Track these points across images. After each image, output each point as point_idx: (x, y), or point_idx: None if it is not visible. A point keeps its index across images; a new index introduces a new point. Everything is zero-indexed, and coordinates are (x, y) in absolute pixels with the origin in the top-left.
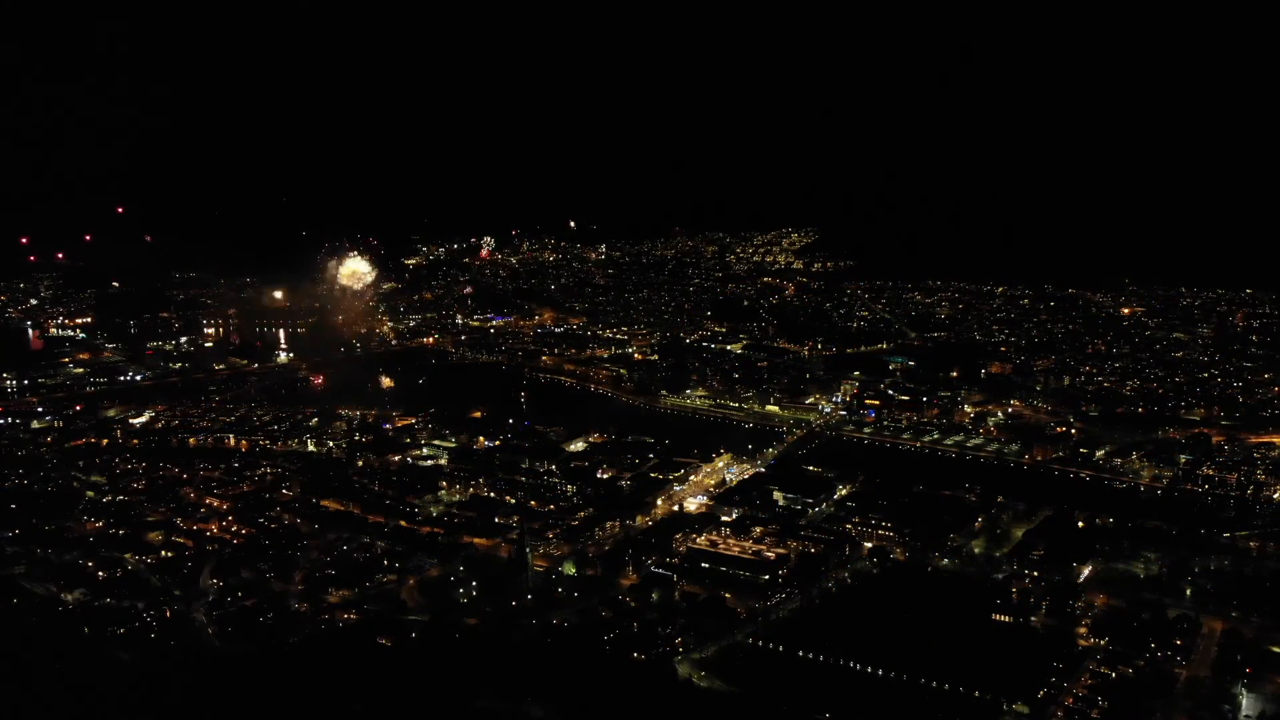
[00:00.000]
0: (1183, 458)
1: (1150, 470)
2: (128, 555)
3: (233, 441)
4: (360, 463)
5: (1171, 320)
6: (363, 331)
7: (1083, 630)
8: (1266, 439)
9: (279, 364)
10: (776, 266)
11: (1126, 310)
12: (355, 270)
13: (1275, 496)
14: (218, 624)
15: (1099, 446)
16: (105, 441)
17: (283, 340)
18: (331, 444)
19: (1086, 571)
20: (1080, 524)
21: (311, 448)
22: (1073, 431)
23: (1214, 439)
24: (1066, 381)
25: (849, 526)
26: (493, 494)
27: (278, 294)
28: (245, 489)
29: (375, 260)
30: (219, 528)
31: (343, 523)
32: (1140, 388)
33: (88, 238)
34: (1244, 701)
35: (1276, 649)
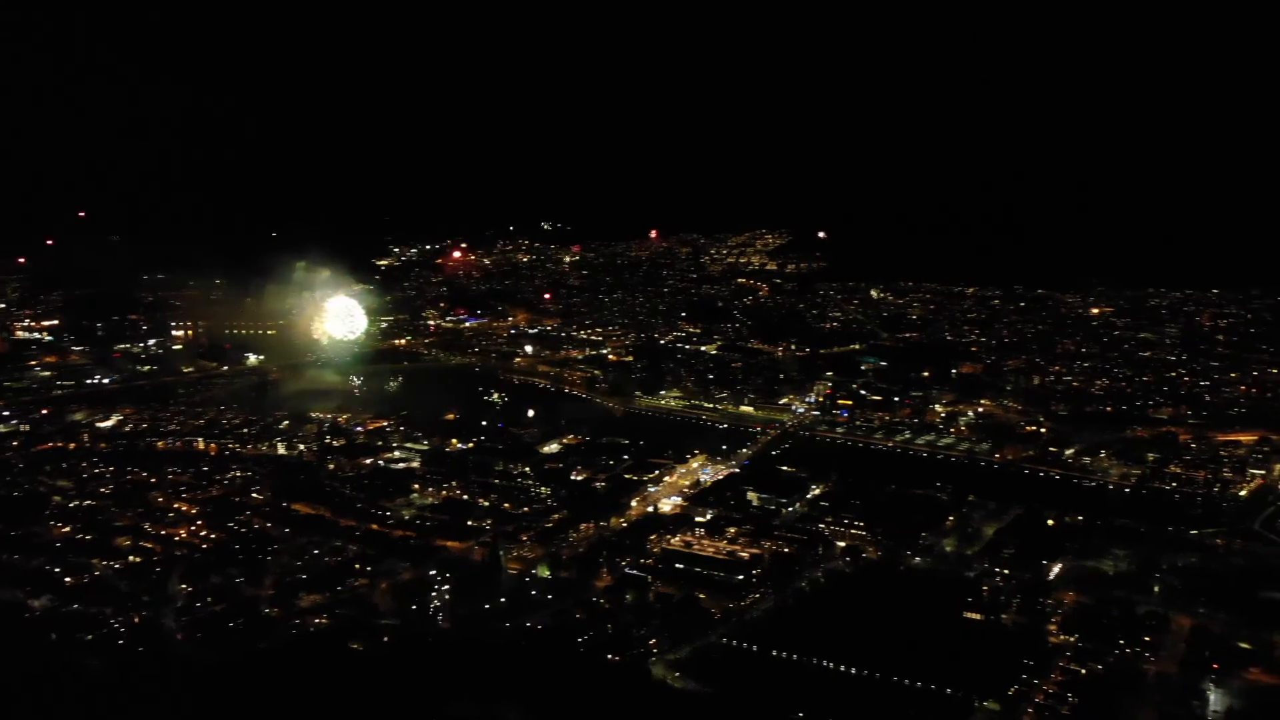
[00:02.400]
0: (1151, 456)
1: (1119, 468)
2: (95, 561)
3: (202, 445)
4: (331, 466)
5: (1139, 320)
6: (334, 333)
7: (1053, 627)
8: (1233, 437)
9: (248, 366)
10: (750, 267)
11: (1095, 311)
12: (325, 271)
13: (1242, 494)
14: (187, 630)
15: (1068, 445)
16: (72, 445)
17: (252, 343)
18: (302, 447)
19: (1056, 569)
20: (1050, 522)
21: (282, 451)
22: (1042, 430)
23: (1181, 437)
24: (1036, 381)
25: (822, 526)
26: (466, 497)
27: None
28: (214, 493)
29: (346, 261)
30: (188, 532)
31: (314, 527)
32: (1109, 387)
33: (49, 241)
34: (1212, 697)
35: (1244, 645)
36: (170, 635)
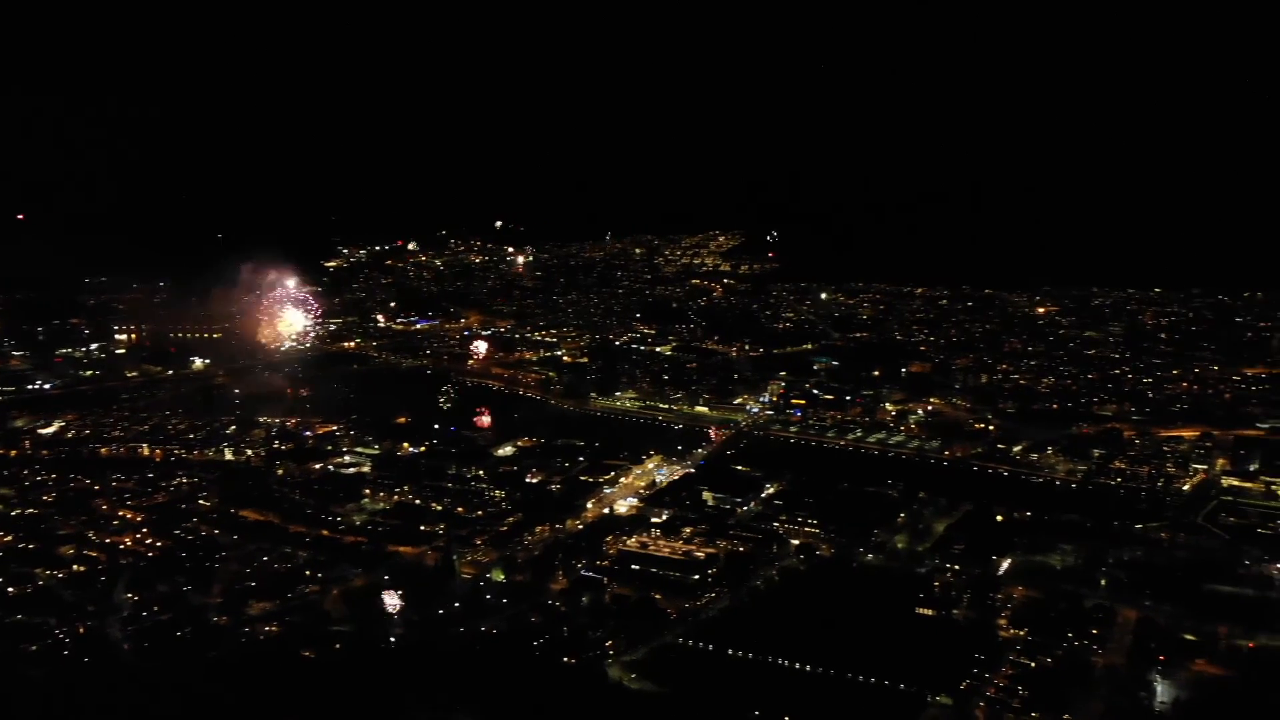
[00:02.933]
0: (1096, 452)
1: (1065, 465)
2: (38, 570)
3: (146, 451)
4: (280, 471)
5: (1084, 319)
6: (282, 336)
7: (1003, 622)
8: (1175, 433)
9: (194, 370)
10: (704, 268)
11: (1041, 310)
12: (272, 273)
13: (1185, 488)
14: (133, 639)
15: (1016, 442)
16: (13, 452)
17: (198, 346)
18: (250, 452)
19: (1006, 564)
20: (999, 518)
21: (229, 456)
22: (991, 428)
23: (1126, 433)
24: (984, 379)
25: (777, 525)
26: (418, 501)
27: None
28: (160, 500)
29: (294, 263)
30: (133, 540)
31: (262, 533)
32: (1055, 385)
33: None
34: (1159, 688)
35: (1189, 636)
36: (116, 645)
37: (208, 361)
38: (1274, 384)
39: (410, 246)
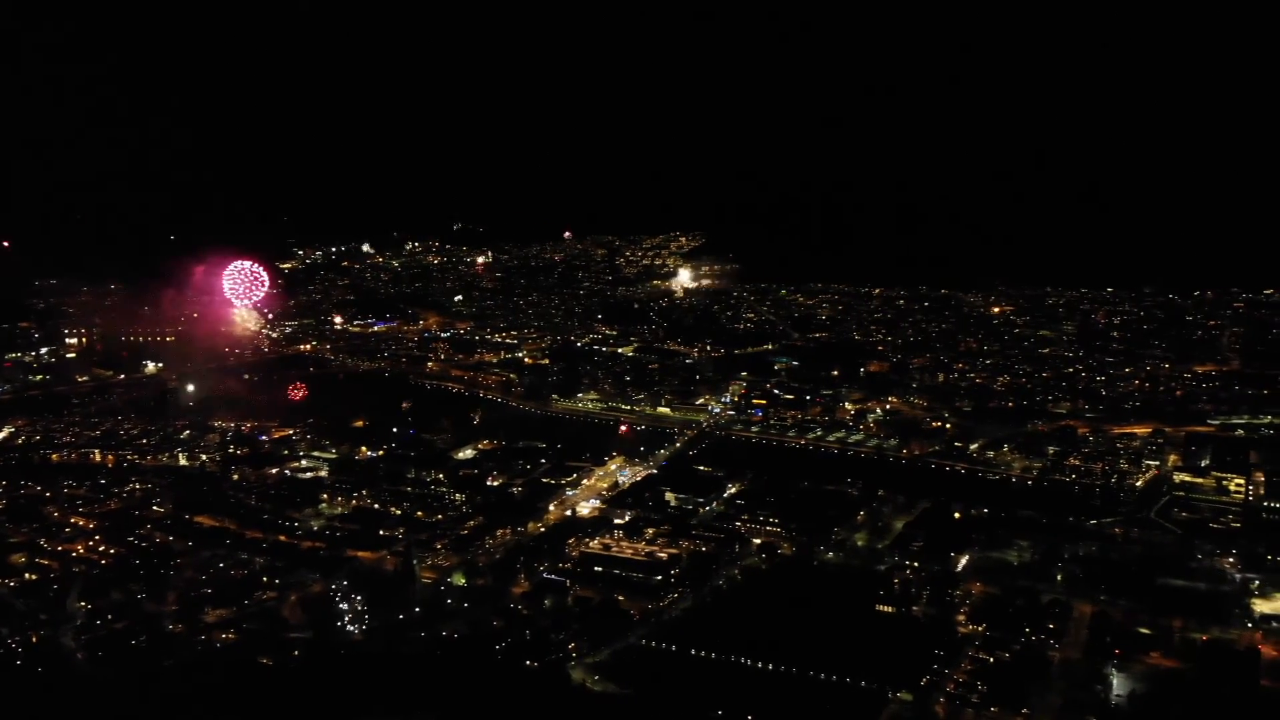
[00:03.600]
0: (1051, 449)
1: (1021, 462)
2: None
3: (99, 457)
4: (235, 476)
5: (1038, 318)
6: (236, 339)
7: (962, 617)
8: (1128, 429)
9: (147, 374)
10: (665, 270)
11: (996, 310)
12: (227, 275)
13: (1138, 484)
14: (87, 648)
15: (972, 440)
16: None
17: (150, 349)
18: (204, 457)
19: (964, 561)
20: (957, 515)
21: (183, 462)
22: (947, 426)
23: (1079, 431)
24: (941, 378)
25: (739, 524)
26: (377, 505)
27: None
28: (113, 506)
29: (248, 264)
30: (86, 548)
31: (218, 539)
32: (1010, 383)
33: None
34: (1114, 681)
35: (1143, 630)
36: (70, 655)
37: (161, 365)
38: (1224, 381)
39: (367, 248)
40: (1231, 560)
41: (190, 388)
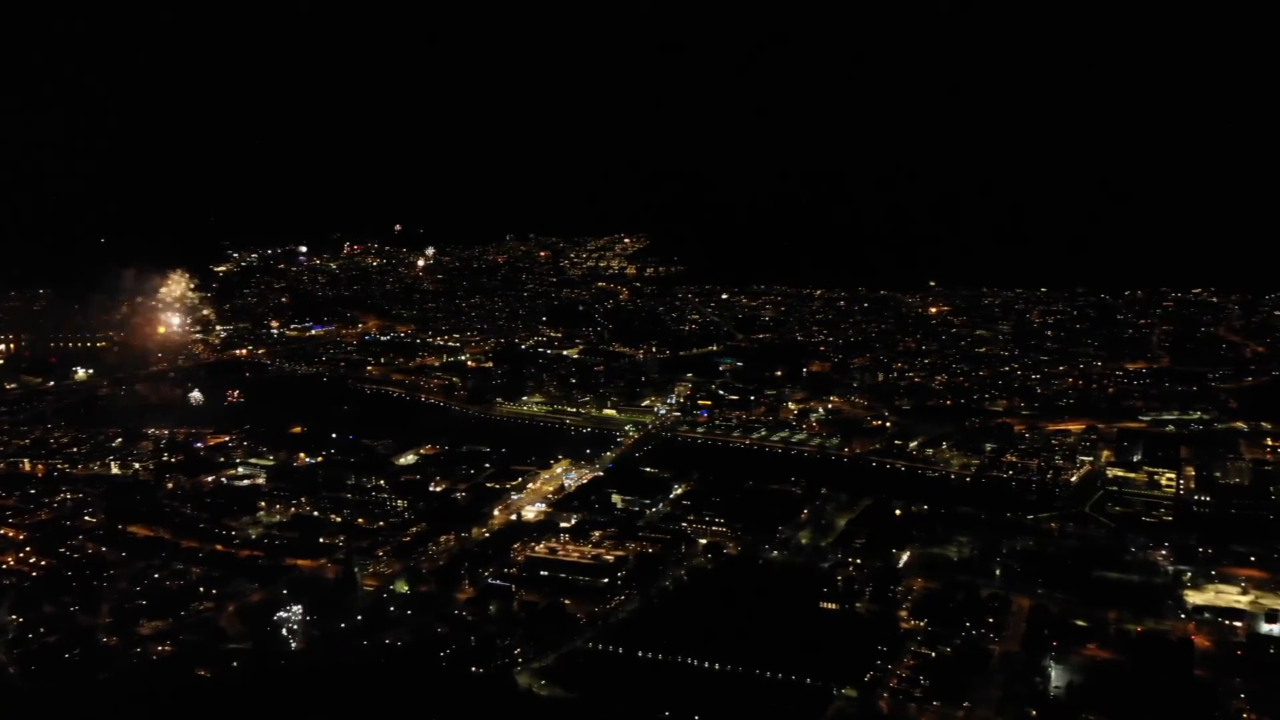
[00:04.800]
0: (988, 446)
1: (959, 459)
2: None
3: (28, 466)
4: (170, 485)
5: (975, 319)
6: (169, 344)
7: (904, 613)
8: (1062, 426)
9: (77, 381)
10: (610, 271)
11: (934, 310)
12: (159, 279)
13: (1072, 480)
14: (19, 662)
15: (912, 438)
16: None
17: (80, 355)
18: (138, 465)
19: (905, 557)
20: (898, 512)
21: (116, 470)
22: (888, 425)
23: (1016, 428)
24: (881, 378)
25: (685, 525)
26: (316, 513)
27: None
28: (43, 517)
29: (181, 268)
30: (16, 559)
31: (153, 549)
32: (948, 382)
33: None
34: (1053, 673)
35: (1080, 622)
36: (2, 669)
37: (91, 371)
38: (1154, 378)
39: (303, 250)
40: (1164, 553)
41: (122, 395)
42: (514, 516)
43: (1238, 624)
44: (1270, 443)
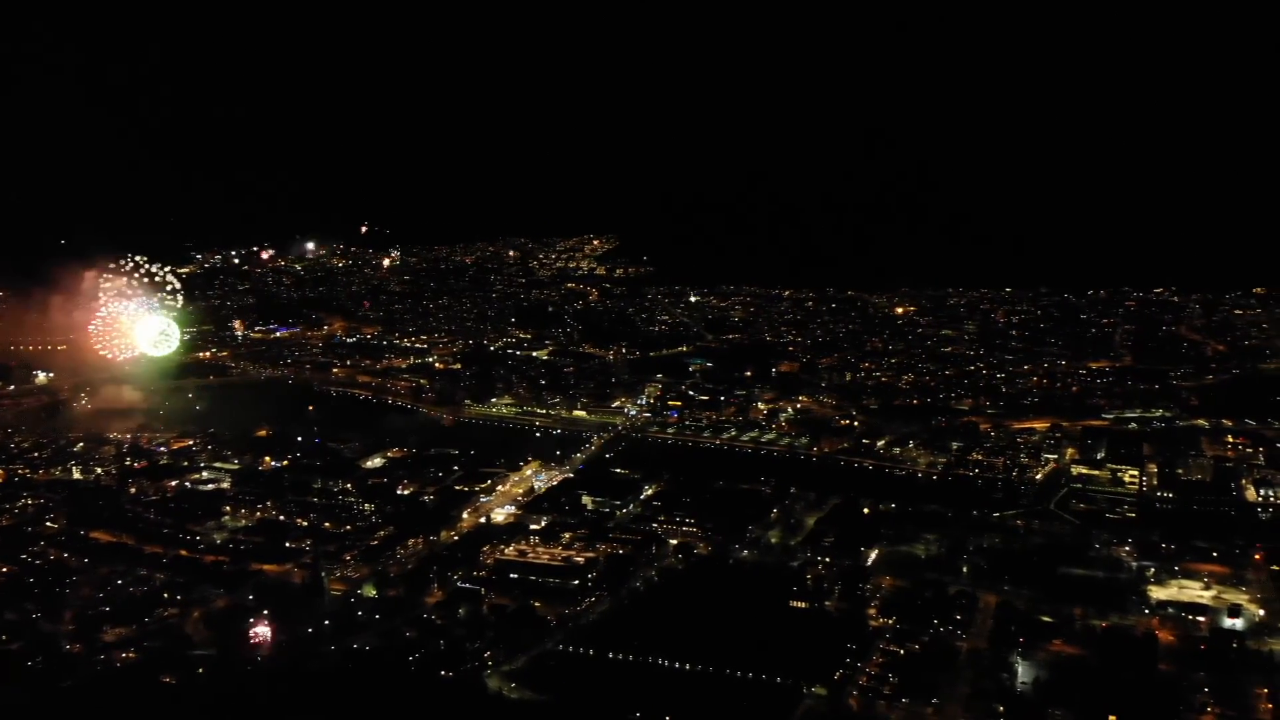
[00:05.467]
0: (954, 445)
1: (926, 457)
2: None
3: None
4: (133, 490)
5: (940, 319)
6: (131, 348)
7: (873, 611)
8: (1027, 425)
9: (37, 385)
10: (580, 272)
11: (900, 310)
12: (121, 281)
13: (1037, 477)
14: None
15: (880, 437)
16: None
17: (41, 359)
18: (100, 470)
19: (874, 555)
20: (866, 510)
21: (77, 475)
22: (856, 424)
23: (981, 426)
24: (849, 378)
25: (655, 525)
26: (282, 517)
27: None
28: (5, 523)
29: (143, 270)
30: None
31: (116, 555)
32: (915, 381)
33: None
34: (1019, 669)
35: (1046, 618)
36: None
37: (52, 375)
38: (1117, 377)
39: (269, 251)
40: (1128, 549)
41: (83, 399)
42: (483, 519)
43: (1201, 619)
44: (1231, 440)
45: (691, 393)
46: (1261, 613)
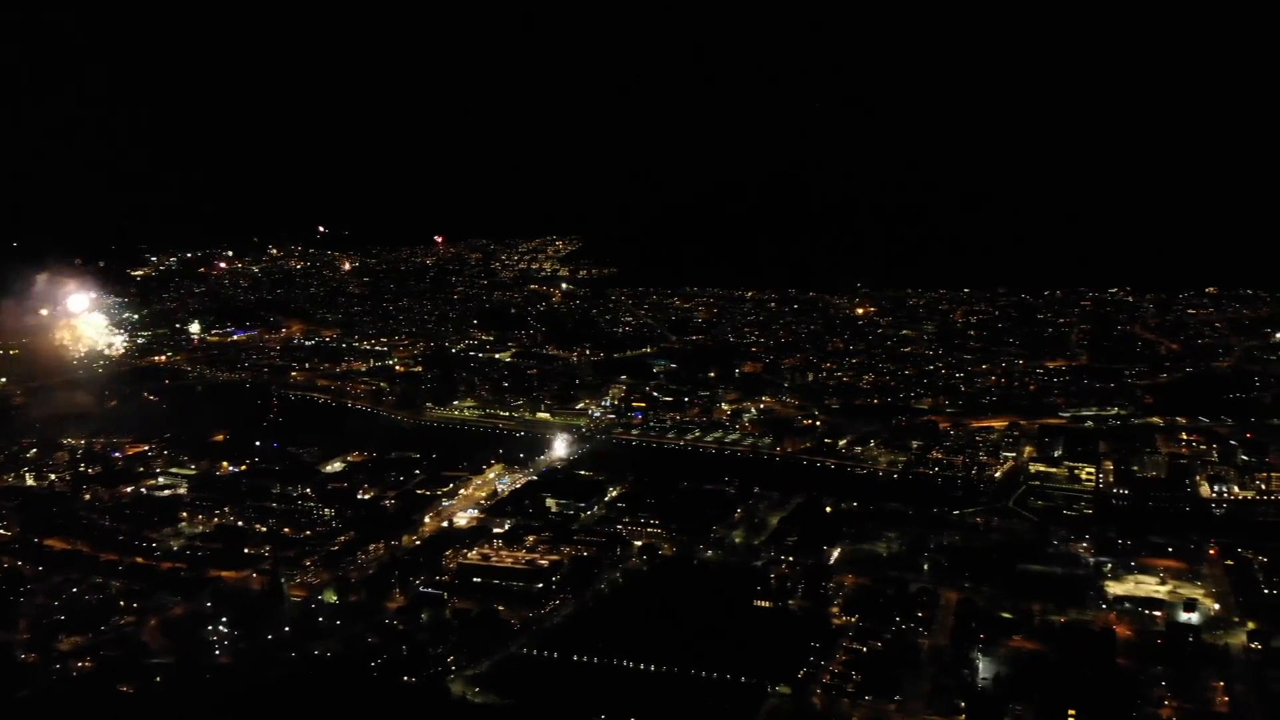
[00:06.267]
0: (915, 443)
1: (887, 456)
2: None
3: None
4: (88, 496)
5: (900, 319)
6: (85, 352)
7: (836, 609)
8: (986, 423)
9: None
10: (543, 274)
11: (861, 311)
12: (74, 283)
13: (996, 475)
14: None
15: (841, 436)
16: None
17: None
18: (53, 476)
19: (836, 553)
20: (828, 509)
21: (30, 482)
22: (818, 423)
23: (941, 425)
24: (811, 378)
25: (620, 527)
26: (241, 523)
27: None
28: None
29: (98, 271)
30: None
31: (70, 563)
32: (875, 381)
33: None
34: (980, 665)
35: (1006, 615)
36: None
37: (3, 380)
38: (1073, 376)
39: (226, 253)
40: (1085, 545)
41: (36, 404)
42: (445, 523)
43: (1157, 613)
44: (1185, 437)
45: (656, 394)
46: (1216, 607)
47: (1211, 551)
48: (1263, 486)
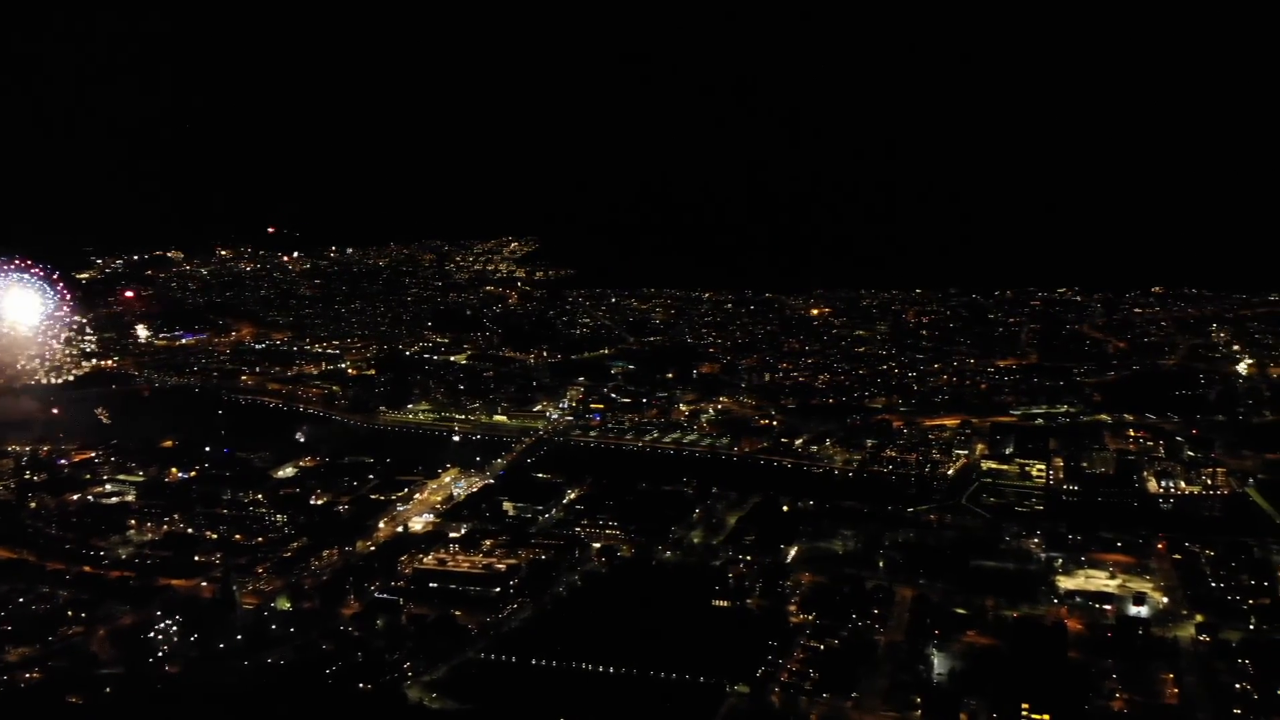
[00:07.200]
0: (869, 442)
1: (842, 455)
2: None
3: None
4: (33, 504)
5: (854, 319)
6: (28, 357)
7: (793, 607)
8: (938, 422)
9: None
10: (498, 275)
11: (815, 311)
12: (15, 286)
13: (949, 473)
14: None
15: (798, 436)
16: None
17: None
18: None
19: (793, 552)
20: (785, 508)
21: None
22: (775, 423)
23: (895, 424)
24: (767, 378)
25: (579, 529)
26: (191, 530)
27: None
28: None
29: (40, 274)
30: None
31: (16, 573)
32: (830, 381)
33: None
34: (935, 661)
35: (960, 610)
36: None
37: None
38: (1023, 374)
39: (173, 255)
40: (1036, 541)
41: None
42: (400, 528)
43: (1107, 607)
44: (1133, 434)
45: (613, 395)
46: (1165, 600)
47: (1160, 546)
48: (1208, 481)
